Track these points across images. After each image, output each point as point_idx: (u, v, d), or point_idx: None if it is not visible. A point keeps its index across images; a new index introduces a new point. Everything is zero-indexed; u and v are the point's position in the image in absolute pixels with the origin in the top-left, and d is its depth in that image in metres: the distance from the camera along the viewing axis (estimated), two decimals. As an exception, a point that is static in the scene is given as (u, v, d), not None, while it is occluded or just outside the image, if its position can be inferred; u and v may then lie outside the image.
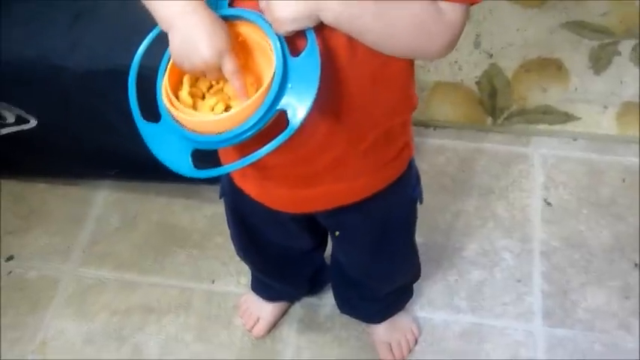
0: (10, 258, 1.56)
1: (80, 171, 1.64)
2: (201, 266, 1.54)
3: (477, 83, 1.78)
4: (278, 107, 0.78)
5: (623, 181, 1.63)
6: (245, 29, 0.83)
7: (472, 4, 0.82)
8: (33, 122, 1.49)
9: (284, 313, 1.46)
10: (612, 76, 1.79)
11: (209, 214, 1.60)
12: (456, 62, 1.82)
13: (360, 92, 0.88)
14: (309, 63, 0.79)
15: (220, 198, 1.21)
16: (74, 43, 1.41)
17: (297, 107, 0.78)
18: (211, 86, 0.85)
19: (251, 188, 1.06)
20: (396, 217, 1.16)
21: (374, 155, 0.99)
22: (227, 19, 0.82)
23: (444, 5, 0.80)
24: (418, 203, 1.17)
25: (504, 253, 1.53)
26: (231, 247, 1.50)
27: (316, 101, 0.78)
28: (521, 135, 1.71)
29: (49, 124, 1.50)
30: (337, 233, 1.19)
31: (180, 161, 0.83)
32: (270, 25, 0.80)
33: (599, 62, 1.82)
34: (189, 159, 0.82)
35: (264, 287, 1.42)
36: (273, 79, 0.78)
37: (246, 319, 1.45)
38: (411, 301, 1.42)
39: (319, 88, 0.78)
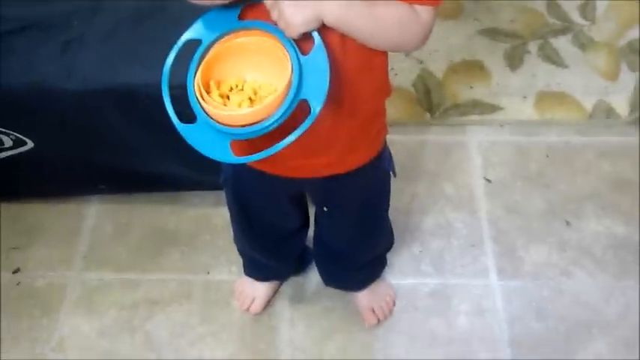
0: (16, 270, 1.68)
1: (72, 187, 1.76)
2: (194, 261, 1.70)
3: (413, 86, 2.03)
4: (300, 97, 0.93)
5: (547, 156, 1.90)
6: (259, 39, 0.98)
7: (438, 5, 1.03)
8: (30, 144, 1.62)
9: (276, 292, 1.64)
10: (526, 71, 2.08)
11: (194, 216, 1.77)
12: (392, 69, 2.05)
13: (355, 79, 1.08)
14: (318, 58, 0.95)
15: (223, 183, 1.39)
16: (66, 68, 1.55)
17: (315, 96, 0.93)
18: (231, 89, 1.00)
19: (267, 166, 1.22)
20: (375, 188, 1.38)
21: (367, 131, 1.21)
22: (242, 29, 0.98)
23: (419, 8, 1.02)
24: (392, 176, 1.39)
25: (457, 224, 1.77)
26: (220, 242, 1.69)
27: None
28: (456, 126, 1.96)
29: (44, 144, 1.63)
30: (325, 209, 1.40)
31: (221, 152, 0.95)
32: (281, 31, 0.97)
33: (514, 61, 2.10)
34: (229, 149, 0.95)
35: (257, 268, 1.59)
36: (292, 74, 0.93)
37: (242, 301, 1.62)
38: (384, 270, 1.64)
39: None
